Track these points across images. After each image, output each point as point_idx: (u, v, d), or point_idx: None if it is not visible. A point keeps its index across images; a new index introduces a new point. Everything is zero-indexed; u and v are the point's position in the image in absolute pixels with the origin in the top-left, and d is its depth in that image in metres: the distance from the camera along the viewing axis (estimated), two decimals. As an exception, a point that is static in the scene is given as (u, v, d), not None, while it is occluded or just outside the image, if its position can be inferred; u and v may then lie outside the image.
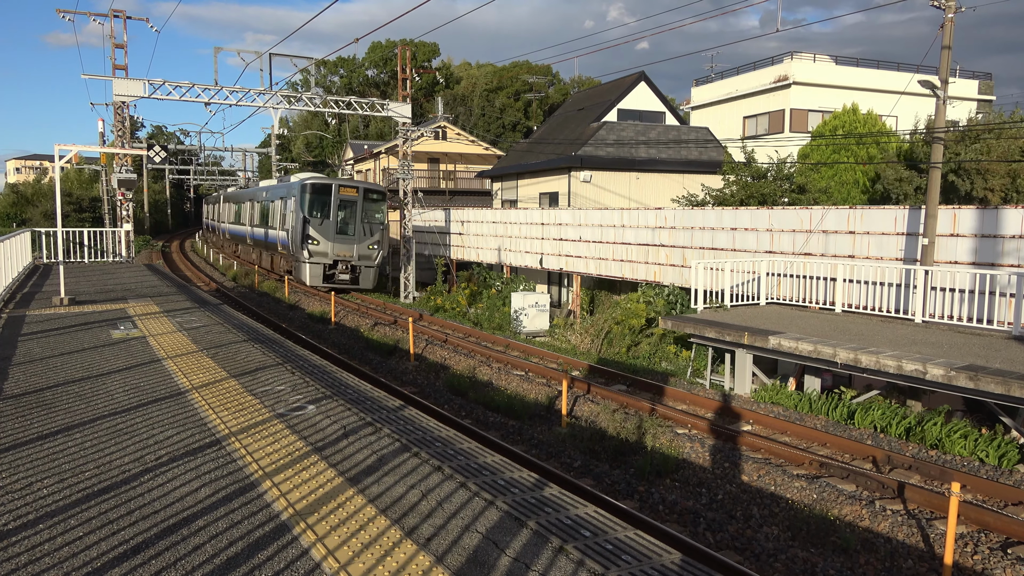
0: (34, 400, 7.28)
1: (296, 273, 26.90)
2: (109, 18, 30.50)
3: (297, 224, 26.07)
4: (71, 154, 14.99)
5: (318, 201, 26.19)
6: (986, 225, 13.98)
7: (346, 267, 26.55)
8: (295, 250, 26.45)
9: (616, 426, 11.00)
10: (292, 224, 26.70)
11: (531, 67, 70.52)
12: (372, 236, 26.85)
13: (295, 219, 26.29)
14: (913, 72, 17.67)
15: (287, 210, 27.68)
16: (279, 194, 29.45)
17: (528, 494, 5.24)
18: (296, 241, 26.23)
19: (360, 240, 26.52)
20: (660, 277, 21.28)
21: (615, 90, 37.06)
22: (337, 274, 26.47)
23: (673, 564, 4.23)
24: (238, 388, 7.98)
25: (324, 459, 5.82)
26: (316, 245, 25.84)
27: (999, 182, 20.58)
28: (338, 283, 26.45)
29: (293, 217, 26.64)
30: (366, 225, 26.73)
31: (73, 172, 61.39)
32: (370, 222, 26.88)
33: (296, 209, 26.23)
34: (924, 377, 10.13)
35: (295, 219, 26.29)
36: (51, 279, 18.31)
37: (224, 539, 4.38)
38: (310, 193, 26.03)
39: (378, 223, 27.06)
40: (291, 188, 27.38)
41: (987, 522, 7.75)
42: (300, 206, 25.92)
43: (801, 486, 8.76)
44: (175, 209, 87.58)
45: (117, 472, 5.42)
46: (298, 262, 26.51)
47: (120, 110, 28.45)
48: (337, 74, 79.79)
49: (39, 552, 4.17)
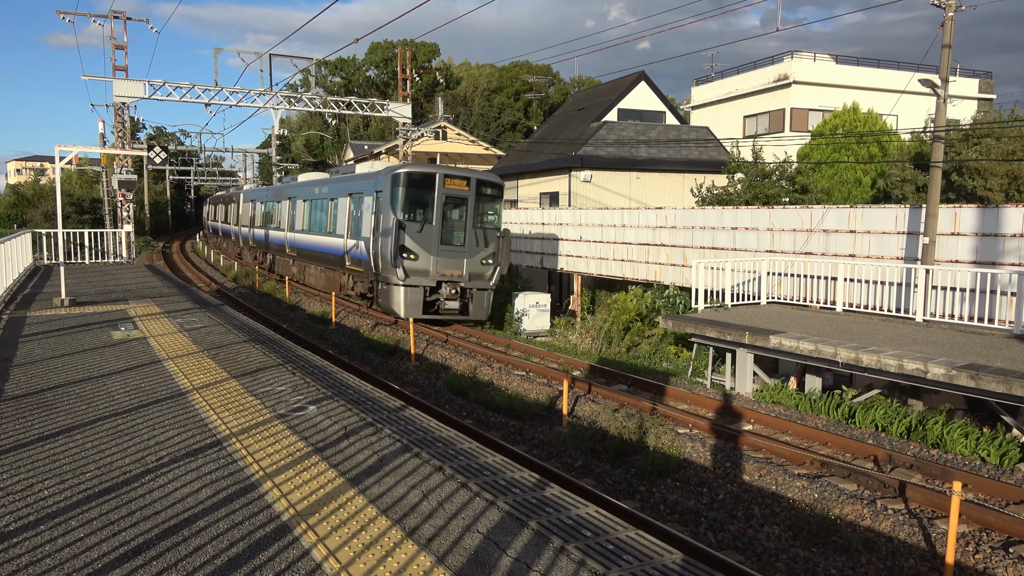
0: (35, 401, 7.28)
1: (383, 300, 19.38)
2: (109, 19, 30.54)
3: (387, 231, 18.60)
4: (71, 155, 15.00)
5: (416, 198, 18.85)
6: (987, 224, 13.97)
7: (454, 290, 19.04)
8: (381, 267, 18.94)
9: (617, 426, 10.99)
10: (375, 230, 19.24)
11: (531, 67, 70.53)
12: (486, 247, 19.28)
13: (382, 223, 18.85)
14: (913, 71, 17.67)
15: (363, 210, 20.58)
16: (349, 189, 22.10)
17: (529, 494, 5.23)
18: (384, 254, 18.65)
19: (471, 252, 19.07)
20: (661, 277, 21.28)
21: (615, 90, 37.07)
22: (442, 301, 18.96)
23: (674, 564, 4.23)
24: (239, 389, 7.98)
25: (325, 459, 5.82)
26: (413, 260, 18.42)
27: (998, 182, 20.58)
28: (444, 313, 19.13)
29: (376, 220, 19.27)
30: (479, 232, 19.22)
31: (74, 173, 61.44)
32: (484, 227, 19.39)
33: (383, 209, 18.86)
34: (925, 376, 10.12)
35: (382, 223, 18.85)
36: (52, 280, 18.32)
37: (225, 540, 4.37)
38: (405, 186, 18.58)
39: (493, 228, 19.56)
40: (373, 180, 19.98)
41: (989, 521, 7.74)
42: (391, 205, 18.49)
43: (802, 485, 8.75)
44: (175, 210, 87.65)
45: (118, 473, 5.42)
46: (387, 285, 18.96)
47: (120, 111, 28.49)
48: (337, 75, 79.80)
49: (40, 553, 4.17)
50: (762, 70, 41.05)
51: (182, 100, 28.66)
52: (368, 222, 19.86)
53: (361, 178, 21.46)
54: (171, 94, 28.52)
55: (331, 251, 23.39)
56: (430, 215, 18.68)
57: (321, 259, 24.93)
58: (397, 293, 18.65)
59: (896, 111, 30.17)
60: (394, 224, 18.23)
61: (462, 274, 19.00)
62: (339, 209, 22.72)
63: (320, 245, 24.69)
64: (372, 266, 19.54)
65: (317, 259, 25.38)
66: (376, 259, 19.16)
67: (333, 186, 23.89)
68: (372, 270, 19.66)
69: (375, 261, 19.26)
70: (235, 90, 29.95)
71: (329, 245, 23.61)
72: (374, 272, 19.53)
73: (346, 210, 21.98)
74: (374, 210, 19.39)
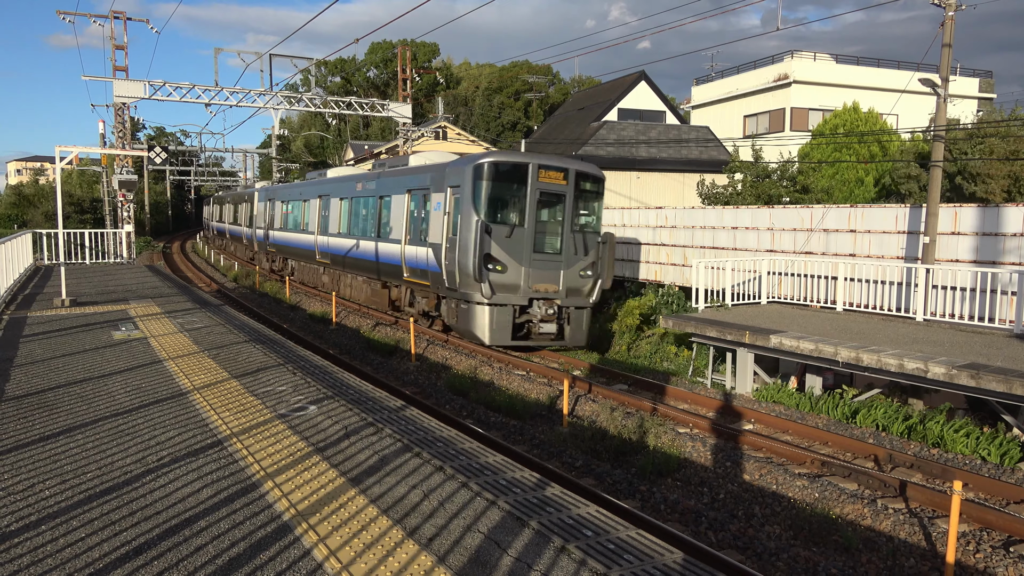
0: (36, 401, 7.29)
1: (459, 321, 15.77)
2: (109, 19, 30.54)
3: (465, 235, 14.95)
4: (72, 155, 15.01)
5: (504, 195, 15.38)
6: (987, 223, 13.98)
7: (550, 310, 15.47)
8: (459, 281, 15.30)
9: (617, 426, 11.00)
10: (448, 235, 15.67)
11: (531, 67, 70.52)
12: (585, 255, 15.77)
13: (460, 226, 15.19)
14: (914, 70, 17.66)
15: (428, 210, 16.85)
16: (408, 184, 18.16)
17: (530, 494, 5.24)
18: (462, 265, 15.03)
19: (569, 262, 15.57)
20: (661, 276, 21.29)
21: (615, 90, 37.09)
22: (534, 323, 15.50)
23: (675, 563, 4.23)
24: (239, 389, 7.99)
25: (326, 459, 5.82)
26: (501, 273, 14.96)
27: (1000, 184, 20.59)
28: (537, 339, 15.75)
29: (451, 222, 15.63)
30: (577, 236, 15.67)
31: (75, 173, 61.47)
32: (583, 230, 15.85)
33: (461, 208, 15.18)
34: (926, 376, 10.12)
35: (460, 226, 15.19)
36: (52, 280, 18.33)
37: (226, 540, 4.38)
38: (491, 180, 14.96)
39: (593, 232, 16.02)
40: (443, 173, 16.22)
41: (989, 520, 7.74)
42: (473, 203, 14.88)
43: (803, 485, 8.75)
44: (176, 210, 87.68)
45: (119, 473, 5.42)
46: (465, 303, 15.37)
47: (121, 111, 28.50)
48: (337, 75, 79.83)
49: (41, 553, 4.18)
50: (762, 70, 41.06)
51: (182, 100, 28.67)
52: (438, 225, 16.10)
53: (425, 171, 17.57)
54: (171, 94, 28.52)
55: (382, 259, 19.45)
56: (521, 216, 15.14)
57: (366, 268, 20.86)
58: (481, 314, 15.00)
59: (896, 110, 30.19)
60: (477, 227, 14.57)
61: (558, 289, 15.48)
62: (393, 209, 18.86)
63: (365, 252, 20.60)
64: (443, 279, 15.84)
65: (360, 268, 21.39)
66: (450, 271, 15.48)
67: (384, 181, 19.79)
68: (443, 284, 15.95)
69: (449, 273, 15.57)
70: (235, 90, 29.96)
71: (378, 252, 19.67)
72: (446, 287, 15.81)
73: (403, 210, 18.19)
74: (447, 210, 15.68)
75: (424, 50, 76.67)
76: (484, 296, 14.84)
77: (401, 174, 19.00)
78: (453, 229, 15.47)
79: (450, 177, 15.83)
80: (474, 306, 15.15)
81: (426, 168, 17.73)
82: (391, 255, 18.84)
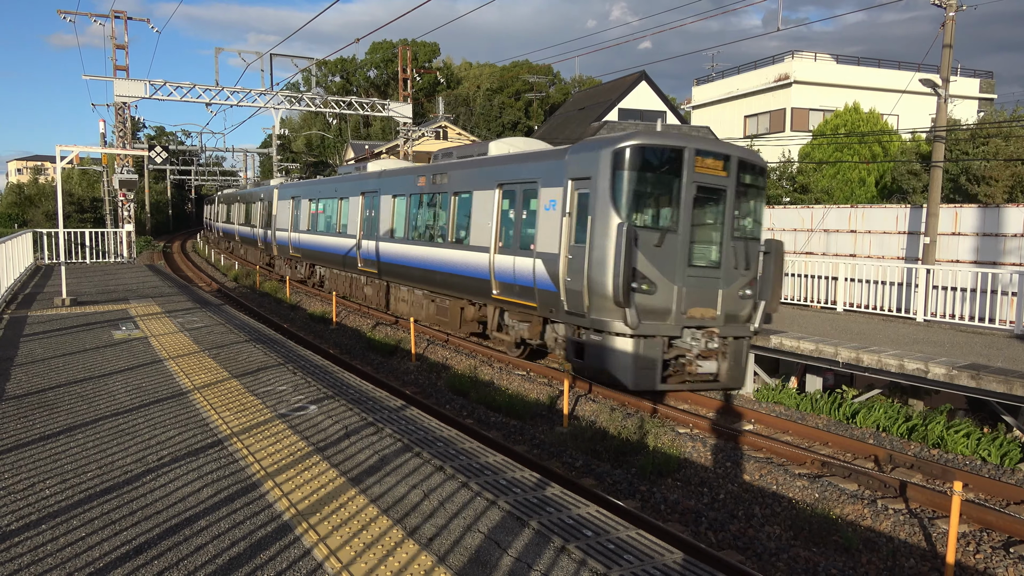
0: (36, 401, 7.29)
1: (592, 356, 12.00)
2: (110, 19, 30.55)
3: (602, 243, 11.42)
4: (72, 155, 15.02)
5: (652, 190, 12.05)
6: (987, 224, 13.99)
7: (709, 342, 11.76)
8: (590, 305, 11.69)
9: (617, 426, 11.00)
10: (572, 243, 12.15)
11: (532, 67, 70.57)
12: (746, 269, 12.22)
13: (592, 231, 11.65)
14: (914, 71, 17.66)
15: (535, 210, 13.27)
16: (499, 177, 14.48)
17: (530, 494, 5.24)
18: (597, 283, 11.47)
19: (729, 278, 11.98)
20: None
21: (616, 90, 37.11)
22: (690, 359, 11.77)
23: (675, 563, 4.23)
24: (240, 388, 7.99)
25: (326, 459, 5.82)
26: (647, 294, 11.34)
27: (1003, 186, 20.60)
28: (693, 380, 11.98)
29: (573, 226, 12.19)
30: (738, 245, 12.11)
31: (76, 172, 61.52)
32: (744, 237, 12.27)
33: (595, 207, 11.69)
34: (926, 376, 10.12)
35: (592, 231, 11.65)
36: (53, 280, 18.34)
37: (226, 539, 4.38)
38: (637, 168, 11.50)
39: (754, 239, 12.43)
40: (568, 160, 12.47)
41: (989, 521, 7.74)
42: (612, 200, 11.43)
43: (803, 485, 8.75)
44: (176, 210, 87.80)
45: (119, 472, 5.42)
46: (600, 334, 11.75)
47: (121, 111, 28.53)
48: (338, 74, 79.89)
49: (42, 552, 4.18)
50: (763, 70, 41.08)
51: (183, 100, 28.69)
52: (551, 229, 12.55)
53: (526, 160, 13.90)
54: (172, 94, 28.55)
55: (457, 271, 15.77)
56: (674, 218, 11.55)
57: (430, 281, 17.30)
58: (622, 349, 11.32)
59: (897, 111, 30.20)
60: (621, 233, 10.90)
61: (716, 314, 11.76)
62: (475, 209, 15.19)
63: (431, 261, 16.94)
64: (560, 300, 12.30)
65: (421, 280, 17.80)
66: (573, 290, 11.91)
67: (460, 174, 16.11)
68: (558, 306, 12.43)
69: (570, 293, 12.00)
70: (236, 90, 29.99)
71: (452, 262, 16.04)
72: (565, 310, 12.28)
73: (491, 210, 14.53)
74: (568, 209, 12.18)
75: (425, 50, 76.71)
76: (629, 325, 11.13)
77: (486, 165, 15.34)
78: (578, 235, 11.98)
79: (572, 166, 12.26)
80: (611, 337, 11.43)
81: (528, 156, 14.11)
82: (472, 267, 15.12)
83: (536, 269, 13.03)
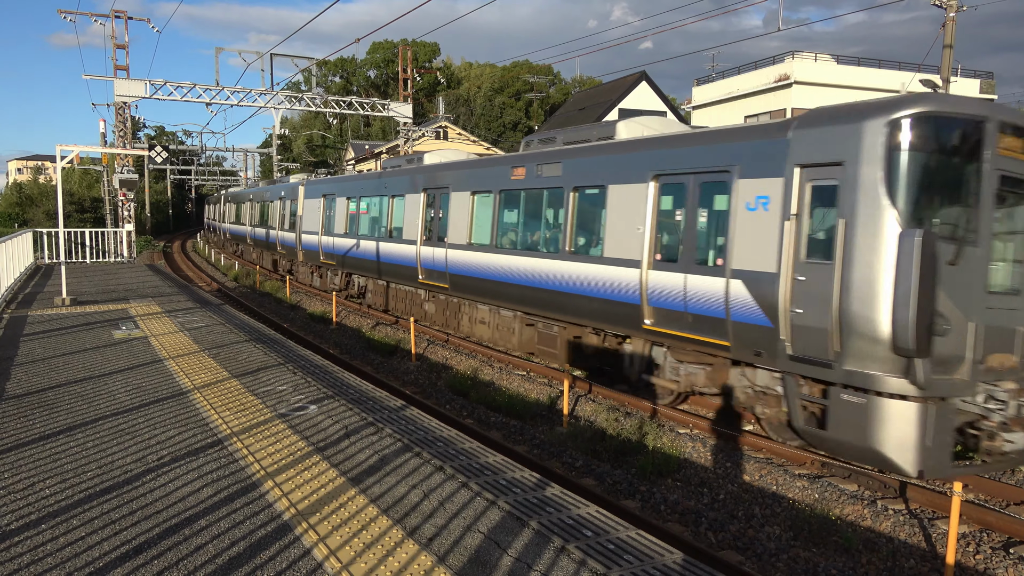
0: (36, 400, 7.29)
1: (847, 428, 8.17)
2: (111, 19, 30.58)
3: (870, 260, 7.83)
4: (72, 154, 15.03)
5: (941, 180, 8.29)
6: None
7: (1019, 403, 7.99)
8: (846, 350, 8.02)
9: (617, 426, 10.99)
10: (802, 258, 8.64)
11: (532, 67, 70.61)
12: None
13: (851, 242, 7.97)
14: (915, 71, 17.67)
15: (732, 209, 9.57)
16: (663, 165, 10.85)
17: (530, 494, 5.24)
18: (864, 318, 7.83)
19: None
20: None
21: (616, 90, 37.12)
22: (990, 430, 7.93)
23: (675, 564, 4.23)
24: (240, 388, 7.99)
25: (326, 459, 5.82)
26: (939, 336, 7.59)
27: None
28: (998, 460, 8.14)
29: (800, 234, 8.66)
30: None
31: (76, 172, 61.55)
32: None
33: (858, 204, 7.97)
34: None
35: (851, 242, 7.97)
36: (53, 279, 18.34)
37: (226, 539, 4.38)
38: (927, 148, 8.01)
39: None
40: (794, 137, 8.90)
41: (989, 522, 7.74)
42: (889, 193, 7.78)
43: (803, 486, 8.75)
44: (176, 209, 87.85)
45: (119, 472, 5.43)
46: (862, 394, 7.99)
47: (121, 110, 28.55)
48: (338, 74, 79.95)
49: (42, 552, 4.18)
50: (763, 70, 41.08)
51: (183, 100, 28.71)
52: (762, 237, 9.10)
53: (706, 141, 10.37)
54: (172, 93, 28.56)
55: (582, 290, 12.31)
56: (970, 223, 8.07)
57: (534, 300, 13.72)
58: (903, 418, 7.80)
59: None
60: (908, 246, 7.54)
61: (1016, 362, 8.33)
62: (613, 208, 11.72)
63: (536, 276, 13.47)
64: (785, 339, 8.76)
65: (518, 300, 14.24)
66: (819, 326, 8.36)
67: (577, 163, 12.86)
68: (778, 349, 8.86)
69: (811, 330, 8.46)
70: (236, 90, 30.01)
71: (572, 278, 12.56)
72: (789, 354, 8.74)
73: (644, 209, 11.06)
74: (796, 210, 8.70)
75: (425, 50, 76.76)
76: (917, 382, 7.57)
77: (630, 150, 11.70)
78: (817, 246, 8.59)
79: (803, 146, 8.79)
80: (883, 401, 7.88)
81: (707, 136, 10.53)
82: (605, 285, 11.75)
83: (731, 293, 9.47)
